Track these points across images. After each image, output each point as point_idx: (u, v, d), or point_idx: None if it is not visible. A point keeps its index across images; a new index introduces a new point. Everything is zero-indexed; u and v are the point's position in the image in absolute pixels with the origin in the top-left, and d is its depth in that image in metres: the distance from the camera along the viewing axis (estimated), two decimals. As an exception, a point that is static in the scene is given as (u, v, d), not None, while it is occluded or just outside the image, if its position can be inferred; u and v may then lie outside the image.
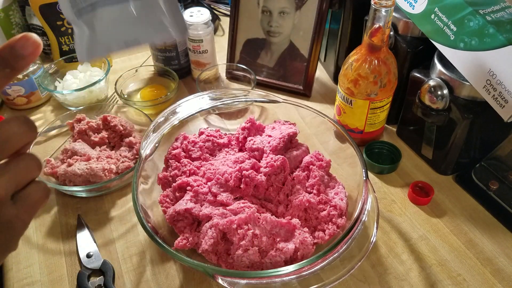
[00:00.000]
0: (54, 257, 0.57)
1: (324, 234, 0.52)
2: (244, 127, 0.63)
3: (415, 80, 0.64)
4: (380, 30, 0.58)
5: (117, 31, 0.36)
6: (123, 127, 0.70)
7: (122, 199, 0.64)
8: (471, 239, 0.58)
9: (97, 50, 0.36)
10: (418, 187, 0.64)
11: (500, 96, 0.53)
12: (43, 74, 0.80)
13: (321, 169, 0.58)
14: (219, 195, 0.54)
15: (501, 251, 0.56)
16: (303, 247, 0.50)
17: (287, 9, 0.79)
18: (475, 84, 0.55)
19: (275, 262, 0.48)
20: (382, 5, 0.56)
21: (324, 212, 0.54)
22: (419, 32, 0.63)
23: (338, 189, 0.57)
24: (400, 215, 0.61)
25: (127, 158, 0.66)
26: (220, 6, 1.10)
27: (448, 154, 0.64)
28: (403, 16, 0.64)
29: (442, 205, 0.62)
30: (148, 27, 0.36)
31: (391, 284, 0.53)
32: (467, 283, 0.53)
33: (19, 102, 0.80)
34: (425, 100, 0.61)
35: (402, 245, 0.57)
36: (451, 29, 0.56)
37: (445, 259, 0.56)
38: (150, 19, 0.36)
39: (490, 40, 0.52)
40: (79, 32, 0.36)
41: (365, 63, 0.62)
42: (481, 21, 0.52)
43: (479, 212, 0.61)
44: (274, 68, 0.85)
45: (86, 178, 0.61)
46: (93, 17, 0.35)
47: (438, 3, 0.57)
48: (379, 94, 0.64)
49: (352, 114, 0.67)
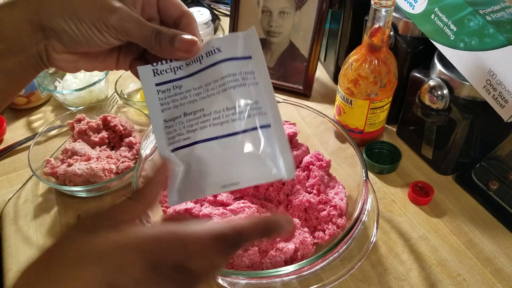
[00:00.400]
0: (54, 257, 0.57)
1: (324, 234, 0.52)
2: (244, 127, 0.63)
3: (415, 80, 0.64)
4: (380, 30, 0.58)
5: (215, 172, 0.32)
6: (123, 127, 0.70)
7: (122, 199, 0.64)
8: (471, 239, 0.58)
9: (189, 193, 0.32)
10: (418, 187, 0.64)
11: (500, 96, 0.53)
12: (43, 74, 0.80)
13: (321, 169, 0.58)
14: (219, 195, 0.54)
15: (501, 251, 0.56)
16: (303, 247, 0.50)
17: (287, 9, 0.79)
18: (475, 84, 0.55)
19: (275, 262, 0.48)
20: (382, 5, 0.56)
21: (324, 212, 0.54)
22: (419, 32, 0.63)
23: (338, 189, 0.57)
24: (400, 215, 0.61)
25: (127, 158, 0.66)
26: (220, 6, 1.10)
27: (448, 154, 0.64)
28: (403, 16, 0.64)
29: (442, 205, 0.62)
30: (253, 167, 0.32)
31: (391, 284, 0.53)
32: (467, 283, 0.53)
33: (19, 102, 0.80)
34: (425, 100, 0.61)
35: (402, 245, 0.57)
36: (451, 29, 0.56)
37: (445, 259, 0.56)
38: (258, 157, 0.32)
39: (490, 40, 0.52)
40: (172, 170, 0.32)
41: (365, 63, 0.61)
42: (481, 21, 0.52)
43: (479, 212, 0.61)
44: (274, 68, 0.85)
45: (86, 178, 0.61)
46: (190, 154, 0.32)
47: (438, 3, 0.57)
48: (379, 94, 0.63)
49: (352, 114, 0.67)
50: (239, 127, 0.32)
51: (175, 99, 0.34)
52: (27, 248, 0.58)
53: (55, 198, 0.65)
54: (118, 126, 0.70)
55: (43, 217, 0.62)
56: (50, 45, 0.33)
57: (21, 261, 0.57)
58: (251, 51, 0.34)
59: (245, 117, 0.32)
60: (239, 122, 0.32)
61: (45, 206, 0.64)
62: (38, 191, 0.66)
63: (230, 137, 0.32)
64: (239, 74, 0.33)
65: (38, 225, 0.61)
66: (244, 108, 0.33)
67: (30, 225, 0.61)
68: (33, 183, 0.67)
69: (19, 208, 0.64)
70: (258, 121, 0.33)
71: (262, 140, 0.32)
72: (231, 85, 0.33)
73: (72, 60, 0.35)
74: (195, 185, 0.32)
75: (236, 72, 0.33)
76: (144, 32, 0.33)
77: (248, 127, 0.32)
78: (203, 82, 0.34)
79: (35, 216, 0.62)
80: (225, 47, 0.34)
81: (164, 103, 0.34)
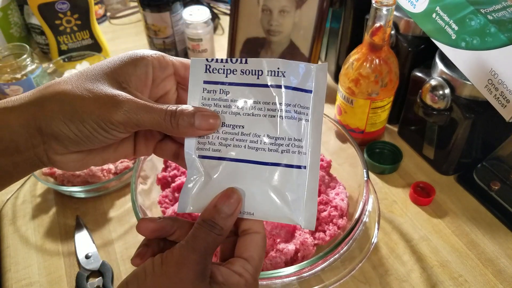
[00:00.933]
0: (52, 258, 0.57)
1: (325, 235, 0.52)
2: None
3: (416, 79, 0.64)
4: (381, 29, 0.58)
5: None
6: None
7: (121, 200, 0.64)
8: (473, 240, 0.57)
9: (202, 205, 0.31)
10: (419, 187, 0.63)
11: (502, 95, 0.52)
12: (42, 73, 0.79)
13: (321, 169, 0.58)
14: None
15: (503, 252, 0.56)
16: (303, 248, 0.50)
17: (287, 7, 0.78)
18: (477, 83, 0.55)
19: (275, 263, 0.48)
20: (383, 4, 0.56)
21: (325, 212, 0.54)
22: (421, 31, 0.63)
23: (339, 190, 0.57)
24: (401, 216, 0.61)
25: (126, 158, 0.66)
26: (220, 5, 1.09)
27: (449, 154, 0.63)
28: (404, 15, 0.63)
29: (444, 206, 0.62)
30: (273, 204, 0.31)
31: (392, 285, 0.53)
32: (469, 284, 0.53)
33: (17, 102, 0.79)
34: (426, 99, 0.60)
35: (404, 246, 0.57)
36: (453, 28, 0.55)
37: (446, 260, 0.55)
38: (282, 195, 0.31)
39: (492, 40, 0.51)
40: (191, 175, 0.32)
41: (366, 63, 0.61)
42: (483, 20, 0.52)
43: (480, 213, 0.61)
44: (274, 68, 0.84)
45: (85, 179, 0.61)
46: (215, 168, 0.31)
47: (439, 2, 0.56)
48: (380, 93, 0.63)
49: (353, 113, 0.67)
50: (274, 158, 0.31)
51: (218, 104, 0.32)
52: (26, 249, 0.58)
53: (54, 199, 0.64)
54: (117, 126, 0.69)
55: (42, 217, 0.62)
56: (51, 149, 0.30)
57: (20, 262, 0.56)
58: (316, 86, 0.32)
59: (283, 151, 0.31)
60: (276, 154, 0.31)
61: (44, 207, 0.63)
62: (36, 191, 0.66)
63: (261, 165, 0.31)
64: (294, 105, 0.31)
65: (36, 226, 0.61)
66: (286, 141, 0.31)
67: (29, 225, 0.61)
68: (31, 183, 0.67)
69: (17, 208, 0.63)
70: (295, 160, 0.31)
71: (292, 180, 0.31)
72: (282, 114, 0.31)
73: (78, 159, 0.32)
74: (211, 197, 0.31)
75: (292, 103, 0.31)
76: (156, 119, 0.29)
77: (283, 162, 0.31)
78: (254, 98, 0.31)
79: (33, 217, 0.62)
80: (291, 73, 0.31)
81: (206, 104, 0.32)
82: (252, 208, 0.31)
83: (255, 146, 0.31)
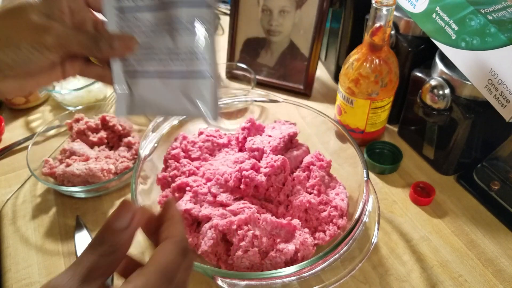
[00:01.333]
0: (52, 258, 0.57)
1: (325, 235, 0.52)
2: (244, 127, 0.62)
3: (416, 79, 0.64)
4: (381, 29, 0.58)
5: (153, 100, 0.37)
6: (122, 127, 0.70)
7: (121, 200, 0.64)
8: (473, 240, 0.57)
9: (133, 110, 0.37)
10: (419, 187, 0.63)
11: (502, 95, 0.52)
12: None
13: (321, 169, 0.58)
14: (218, 195, 0.54)
15: (503, 252, 0.56)
16: (303, 248, 0.50)
17: (288, 7, 0.79)
18: (477, 83, 0.55)
19: (275, 263, 0.48)
20: (383, 4, 0.56)
21: (325, 212, 0.54)
22: (420, 31, 0.63)
23: (338, 190, 0.57)
24: (401, 216, 0.61)
25: (126, 158, 0.66)
26: (220, 5, 1.09)
27: (449, 154, 0.63)
28: (404, 15, 0.63)
29: (444, 206, 0.62)
30: (183, 104, 0.36)
31: (392, 285, 0.53)
32: (469, 284, 0.53)
33: (17, 102, 0.80)
34: (426, 99, 0.60)
35: (403, 246, 0.57)
36: (453, 28, 0.55)
37: (446, 260, 0.55)
38: (187, 98, 0.36)
39: (492, 40, 0.51)
40: (120, 89, 0.37)
41: (366, 63, 0.61)
42: (483, 20, 0.52)
43: (480, 213, 0.61)
44: (274, 68, 0.84)
45: (85, 179, 0.61)
46: (134, 81, 0.37)
47: (439, 2, 0.56)
48: (380, 93, 0.63)
49: (353, 113, 0.67)
50: (178, 67, 0.36)
51: (129, 26, 0.36)
52: (26, 249, 0.58)
53: (54, 199, 0.64)
54: (117, 126, 0.69)
55: (42, 217, 0.62)
56: None
57: (20, 262, 0.56)
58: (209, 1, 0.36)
59: (184, 59, 0.36)
60: (180, 63, 0.36)
61: (44, 207, 0.63)
62: (36, 191, 0.66)
63: (171, 73, 0.36)
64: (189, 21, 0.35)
65: (36, 226, 0.61)
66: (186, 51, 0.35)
67: (29, 225, 0.61)
68: (31, 183, 0.67)
69: (17, 208, 0.63)
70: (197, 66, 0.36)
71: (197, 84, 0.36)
72: (181, 27, 0.35)
73: (14, 85, 0.35)
74: (138, 105, 0.37)
75: (190, 19, 0.35)
76: (83, 42, 0.34)
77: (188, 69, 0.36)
78: (158, 18, 0.36)
79: (33, 217, 0.62)
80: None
81: (121, 26, 0.36)
82: (169, 109, 0.37)
83: (161, 58, 0.36)
